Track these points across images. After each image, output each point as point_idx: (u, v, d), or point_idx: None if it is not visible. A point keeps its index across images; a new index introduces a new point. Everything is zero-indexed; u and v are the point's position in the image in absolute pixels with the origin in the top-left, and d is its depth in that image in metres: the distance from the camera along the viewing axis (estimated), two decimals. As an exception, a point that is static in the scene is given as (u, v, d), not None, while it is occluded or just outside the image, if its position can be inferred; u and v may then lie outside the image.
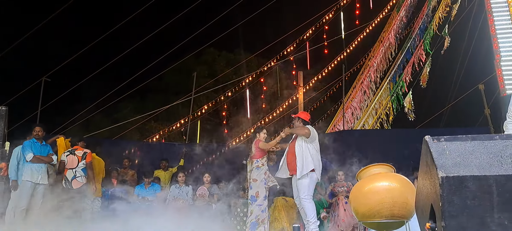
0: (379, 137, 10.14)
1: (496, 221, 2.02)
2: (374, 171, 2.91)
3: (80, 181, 7.12)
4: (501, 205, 2.02)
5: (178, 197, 8.03)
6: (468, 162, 2.14)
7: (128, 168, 9.13)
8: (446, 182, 2.06)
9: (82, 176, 7.15)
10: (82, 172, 7.15)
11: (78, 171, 7.12)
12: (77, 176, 7.10)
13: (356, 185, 2.91)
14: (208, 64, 19.90)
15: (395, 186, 2.72)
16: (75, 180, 7.07)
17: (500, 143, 2.21)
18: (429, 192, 2.28)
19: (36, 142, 6.94)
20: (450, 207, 2.05)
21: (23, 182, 6.71)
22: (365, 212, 2.77)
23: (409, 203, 2.66)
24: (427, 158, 2.30)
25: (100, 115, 15.43)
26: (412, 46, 13.78)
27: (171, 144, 12.33)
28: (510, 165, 2.11)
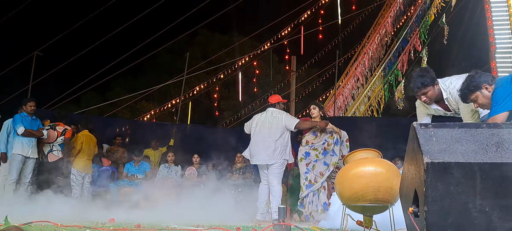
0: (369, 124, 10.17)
1: (478, 208, 2.04)
2: (361, 155, 2.92)
3: (56, 155, 7.28)
4: (484, 192, 2.04)
5: (167, 177, 8.06)
6: (453, 148, 2.15)
7: (118, 146, 9.11)
8: (431, 167, 2.07)
9: (59, 150, 7.32)
10: (59, 146, 7.30)
11: (55, 146, 7.28)
12: (53, 150, 7.26)
13: (342, 169, 2.92)
14: (201, 45, 19.78)
15: (380, 171, 2.72)
16: (51, 153, 7.23)
17: (486, 131, 2.22)
18: (414, 177, 2.29)
19: (26, 115, 6.98)
20: (433, 193, 2.07)
21: (13, 155, 6.81)
22: (350, 196, 2.78)
23: (394, 188, 2.68)
24: (413, 143, 2.31)
25: (91, 92, 15.33)
26: (408, 34, 13.76)
27: (162, 124, 12.29)
28: (495, 153, 2.12)
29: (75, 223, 3.05)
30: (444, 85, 3.68)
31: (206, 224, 3.58)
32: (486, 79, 3.20)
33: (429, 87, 3.57)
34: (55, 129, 7.36)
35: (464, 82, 3.27)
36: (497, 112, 2.99)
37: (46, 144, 7.27)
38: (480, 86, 3.19)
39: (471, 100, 3.28)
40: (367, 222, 2.86)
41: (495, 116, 2.99)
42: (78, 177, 7.54)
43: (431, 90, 3.59)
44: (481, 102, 3.23)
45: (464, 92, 3.29)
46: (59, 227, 2.60)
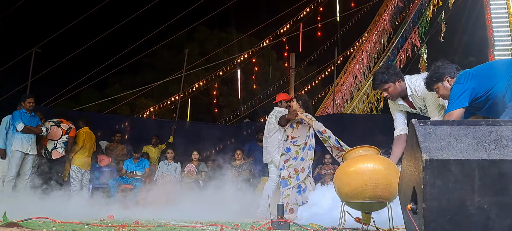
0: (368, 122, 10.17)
1: (476, 205, 2.04)
2: (360, 152, 2.92)
3: (60, 152, 7.33)
4: (482, 189, 2.04)
5: (166, 173, 8.06)
6: (452, 145, 2.15)
7: (118, 143, 9.12)
8: (430, 164, 2.07)
9: (62, 148, 7.34)
10: (63, 144, 7.32)
11: (59, 143, 7.29)
12: (57, 147, 7.29)
13: (341, 166, 2.91)
14: (200, 42, 19.75)
15: (379, 168, 2.72)
16: (55, 150, 7.26)
17: (485, 128, 2.22)
18: (412, 174, 2.29)
19: (26, 112, 6.99)
20: (432, 190, 2.07)
21: (12, 152, 6.83)
22: (348, 192, 2.78)
23: (392, 185, 2.68)
24: (412, 140, 2.31)
25: (90, 89, 15.31)
26: (406, 32, 13.76)
27: (161, 121, 12.29)
28: (493, 150, 2.12)
29: (74, 220, 3.05)
30: (410, 83, 3.78)
31: (205, 221, 3.58)
32: (449, 71, 3.27)
33: (389, 84, 3.71)
34: (60, 126, 7.37)
35: (430, 72, 3.38)
36: (451, 109, 3.03)
37: (50, 141, 7.29)
38: (442, 78, 3.27)
39: (433, 89, 3.37)
40: (365, 219, 2.87)
41: (450, 113, 3.04)
42: (78, 174, 7.58)
43: (391, 86, 3.73)
44: (442, 93, 3.31)
45: (427, 81, 3.39)
46: (57, 224, 2.60)
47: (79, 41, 12.94)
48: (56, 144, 7.32)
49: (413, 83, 3.77)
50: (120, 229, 2.32)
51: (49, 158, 7.27)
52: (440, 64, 3.33)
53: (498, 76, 3.03)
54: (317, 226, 2.98)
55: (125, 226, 2.53)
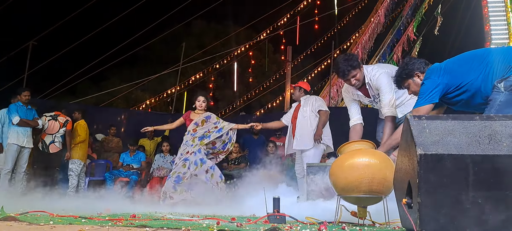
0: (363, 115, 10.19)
1: (470, 199, 2.06)
2: (355, 146, 2.94)
3: (57, 146, 7.35)
4: (476, 184, 2.06)
5: (162, 166, 8.08)
6: (446, 140, 2.17)
7: (113, 136, 9.11)
8: (424, 159, 2.09)
9: (60, 142, 7.36)
10: (60, 138, 7.32)
11: (57, 137, 7.29)
12: (55, 141, 7.29)
13: (336, 160, 2.93)
14: (196, 35, 19.69)
15: (374, 162, 2.74)
16: (53, 144, 7.25)
17: (479, 123, 2.24)
18: (407, 169, 2.31)
19: (22, 105, 6.98)
20: (427, 184, 2.09)
21: (9, 145, 6.84)
22: (344, 186, 2.80)
23: (388, 179, 2.70)
24: (407, 135, 2.33)
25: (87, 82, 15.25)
26: (402, 25, 13.76)
27: (157, 114, 12.28)
28: (487, 145, 2.14)
29: (71, 213, 3.05)
30: (367, 71, 3.89)
31: (201, 214, 3.60)
32: (419, 66, 3.23)
33: (357, 69, 3.82)
34: (57, 119, 7.36)
35: (398, 69, 3.36)
36: (421, 104, 3.02)
37: (47, 135, 7.29)
38: (412, 74, 3.24)
39: (404, 87, 3.35)
40: (361, 213, 2.89)
41: (418, 108, 3.03)
42: (78, 167, 7.58)
43: (359, 72, 3.83)
44: (413, 90, 3.29)
45: (397, 79, 3.35)
46: (55, 217, 2.61)
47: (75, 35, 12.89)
48: (54, 138, 7.32)
49: (369, 72, 3.87)
50: (117, 223, 2.33)
51: (47, 152, 7.26)
52: (408, 60, 3.31)
53: (473, 69, 2.97)
54: (313, 220, 3.00)
55: (122, 220, 2.54)
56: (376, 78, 3.81)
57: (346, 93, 4.15)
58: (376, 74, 3.81)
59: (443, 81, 3.00)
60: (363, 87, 3.95)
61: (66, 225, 2.15)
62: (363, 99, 4.09)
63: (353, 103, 4.14)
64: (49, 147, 7.26)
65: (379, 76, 3.82)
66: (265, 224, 2.67)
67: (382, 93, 3.82)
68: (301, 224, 2.80)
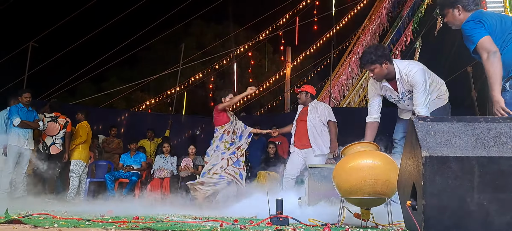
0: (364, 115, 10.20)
1: (475, 201, 2.06)
2: (359, 148, 2.93)
3: (58, 147, 7.35)
4: (482, 186, 2.06)
5: (163, 167, 8.07)
6: (451, 142, 2.17)
7: (114, 137, 9.10)
8: (429, 161, 2.09)
9: (61, 143, 7.33)
10: (61, 139, 7.32)
11: (57, 138, 7.29)
12: (56, 143, 7.29)
13: (340, 162, 2.93)
14: (196, 35, 19.68)
15: (378, 164, 2.74)
16: (54, 146, 7.25)
17: (484, 125, 2.24)
18: (412, 170, 2.31)
19: (22, 107, 6.97)
20: (432, 186, 2.09)
21: (9, 146, 6.83)
22: (347, 188, 2.79)
23: (392, 181, 2.70)
24: (412, 137, 2.33)
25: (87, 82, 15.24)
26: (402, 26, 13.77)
27: (158, 114, 12.27)
28: (492, 147, 2.14)
29: (74, 215, 3.05)
30: (401, 66, 3.80)
31: (204, 216, 3.60)
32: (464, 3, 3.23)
33: (375, 65, 3.74)
34: (57, 121, 7.35)
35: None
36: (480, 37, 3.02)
37: (48, 136, 7.28)
38: (454, 5, 3.25)
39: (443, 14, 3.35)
40: (364, 214, 2.89)
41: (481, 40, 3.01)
42: (79, 168, 7.57)
43: (377, 68, 3.75)
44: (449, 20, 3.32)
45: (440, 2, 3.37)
46: (58, 220, 2.60)
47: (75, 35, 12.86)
48: (54, 139, 7.31)
49: (405, 67, 3.77)
50: (121, 225, 2.33)
51: (48, 154, 7.25)
52: None
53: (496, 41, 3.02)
54: (316, 222, 3.00)
55: (125, 222, 2.53)
56: (413, 75, 3.68)
57: (372, 86, 4.03)
58: (413, 70, 3.69)
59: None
60: (393, 81, 3.83)
61: (71, 228, 2.14)
62: (391, 94, 3.94)
63: (377, 98, 4.02)
64: (49, 149, 7.26)
65: (416, 73, 3.70)
66: (268, 226, 2.67)
67: (418, 91, 3.69)
68: (304, 226, 2.79)
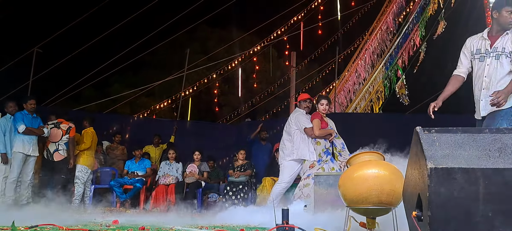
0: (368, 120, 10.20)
1: (481, 213, 2.06)
2: (364, 158, 2.94)
3: (62, 154, 7.31)
4: (487, 197, 2.06)
5: (168, 174, 8.08)
6: (457, 154, 2.17)
7: (118, 144, 9.12)
8: (435, 173, 2.09)
9: (64, 150, 7.33)
10: (64, 145, 7.31)
11: (60, 144, 7.29)
12: (59, 149, 7.28)
13: (346, 172, 2.93)
14: (201, 41, 19.73)
15: (383, 174, 2.74)
16: (57, 153, 7.25)
17: (489, 136, 2.24)
18: (417, 181, 2.31)
19: (27, 113, 7.00)
20: (437, 198, 2.08)
21: (14, 153, 6.82)
22: (353, 198, 2.79)
23: (397, 191, 2.70)
24: (417, 148, 2.33)
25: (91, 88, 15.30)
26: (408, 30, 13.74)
27: (162, 120, 12.30)
28: (497, 158, 2.14)
29: (80, 225, 3.06)
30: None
31: (210, 225, 3.60)
32: None
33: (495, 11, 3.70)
34: (59, 127, 7.36)
35: None
36: None
37: (51, 143, 7.28)
38: None
39: None
40: (370, 224, 2.89)
41: None
42: (84, 175, 7.58)
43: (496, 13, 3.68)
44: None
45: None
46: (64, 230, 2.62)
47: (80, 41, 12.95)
48: (58, 146, 7.31)
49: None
50: (127, 236, 2.34)
51: (52, 160, 7.26)
52: None
53: None
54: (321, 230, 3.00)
55: (131, 232, 2.54)
56: None
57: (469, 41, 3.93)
58: None
59: None
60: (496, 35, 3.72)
61: (77, 239, 2.16)
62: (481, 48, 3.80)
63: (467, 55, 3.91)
64: (53, 155, 7.26)
65: None
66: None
67: None
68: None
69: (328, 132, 5.66)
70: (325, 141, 5.64)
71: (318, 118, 5.72)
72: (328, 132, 5.66)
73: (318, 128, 5.63)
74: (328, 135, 5.64)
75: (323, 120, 5.78)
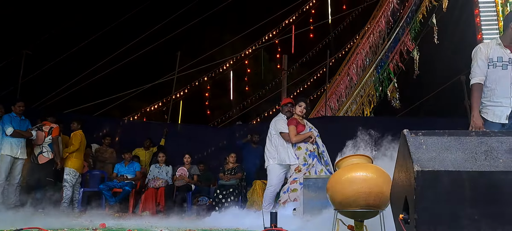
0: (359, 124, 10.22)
1: (467, 216, 2.07)
2: (352, 161, 2.94)
3: (46, 156, 7.19)
4: (473, 200, 2.07)
5: (157, 177, 8.03)
6: (443, 157, 2.18)
7: (107, 146, 9.05)
8: (421, 176, 2.09)
9: (49, 151, 7.22)
10: (48, 147, 7.22)
11: (44, 146, 7.20)
12: (43, 151, 7.18)
13: (334, 175, 2.93)
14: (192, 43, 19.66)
15: (371, 177, 2.74)
16: (41, 155, 7.16)
17: (475, 139, 2.25)
18: (404, 184, 2.31)
19: (15, 116, 6.93)
20: (423, 200, 2.09)
21: (2, 156, 6.77)
22: (341, 201, 2.79)
23: (385, 194, 2.70)
24: (404, 151, 2.33)
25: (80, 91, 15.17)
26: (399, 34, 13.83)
27: (153, 123, 12.23)
28: (483, 161, 2.15)
29: (66, 228, 3.03)
30: None
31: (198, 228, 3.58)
32: None
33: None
34: (42, 129, 7.27)
35: None
36: None
37: (36, 146, 7.18)
38: None
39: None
40: (358, 226, 2.89)
41: None
42: (73, 178, 7.50)
43: None
44: None
45: None
46: (49, 234, 2.58)
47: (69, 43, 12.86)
48: (42, 148, 7.21)
49: None
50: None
51: (37, 163, 7.16)
52: None
53: None
54: (310, 234, 3.00)
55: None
56: None
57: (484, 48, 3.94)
58: None
59: None
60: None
61: (61, 243, 2.13)
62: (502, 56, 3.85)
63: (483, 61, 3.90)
64: (37, 158, 7.17)
65: None
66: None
67: None
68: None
69: (305, 136, 5.57)
70: (305, 143, 5.56)
71: (293, 124, 5.66)
72: (305, 136, 5.58)
73: (294, 134, 5.59)
74: (307, 138, 5.58)
75: (300, 123, 5.71)
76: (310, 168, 5.42)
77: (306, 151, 5.51)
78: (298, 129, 5.62)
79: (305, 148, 5.52)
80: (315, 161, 5.47)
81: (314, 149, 5.56)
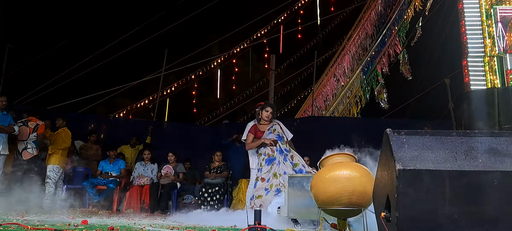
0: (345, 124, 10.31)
1: (446, 214, 2.10)
2: (336, 159, 2.96)
3: (30, 152, 7.11)
4: (453, 199, 2.10)
5: (142, 175, 7.98)
6: (424, 156, 2.21)
7: (93, 143, 8.95)
8: (403, 174, 2.12)
9: (33, 148, 7.12)
10: (33, 144, 7.13)
11: (29, 143, 7.10)
12: (28, 148, 7.09)
13: (317, 173, 2.95)
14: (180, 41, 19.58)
15: (355, 175, 2.76)
16: (25, 151, 7.06)
17: (456, 139, 2.28)
18: (386, 182, 2.33)
19: (-3, 111, 6.79)
20: (404, 199, 2.11)
21: None
22: (324, 199, 2.81)
23: (368, 192, 2.72)
24: (387, 150, 2.36)
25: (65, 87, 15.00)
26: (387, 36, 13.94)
27: (139, 121, 12.16)
28: (464, 161, 2.18)
29: (46, 225, 2.99)
30: None
31: (181, 226, 3.57)
32: None
33: None
34: (27, 125, 7.17)
35: None
36: None
37: (20, 141, 7.08)
38: None
39: None
40: (341, 225, 2.91)
41: None
42: (56, 174, 7.40)
43: None
44: None
45: None
46: (29, 230, 2.55)
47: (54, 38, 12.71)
48: (26, 144, 7.11)
49: None
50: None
51: (21, 159, 7.06)
52: None
53: None
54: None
55: (99, 232, 2.50)
56: None
57: None
58: None
59: None
60: None
61: (41, 238, 2.10)
62: None
63: None
64: (22, 154, 7.07)
65: None
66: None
67: None
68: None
69: (257, 144, 5.50)
70: (264, 148, 5.47)
71: (251, 131, 5.64)
72: (257, 144, 5.51)
73: (249, 142, 5.59)
74: (261, 144, 5.48)
75: (258, 130, 5.64)
76: (264, 175, 5.34)
77: (264, 156, 5.46)
78: (257, 135, 5.59)
79: (264, 153, 5.47)
80: (270, 166, 5.33)
81: (272, 154, 5.45)
